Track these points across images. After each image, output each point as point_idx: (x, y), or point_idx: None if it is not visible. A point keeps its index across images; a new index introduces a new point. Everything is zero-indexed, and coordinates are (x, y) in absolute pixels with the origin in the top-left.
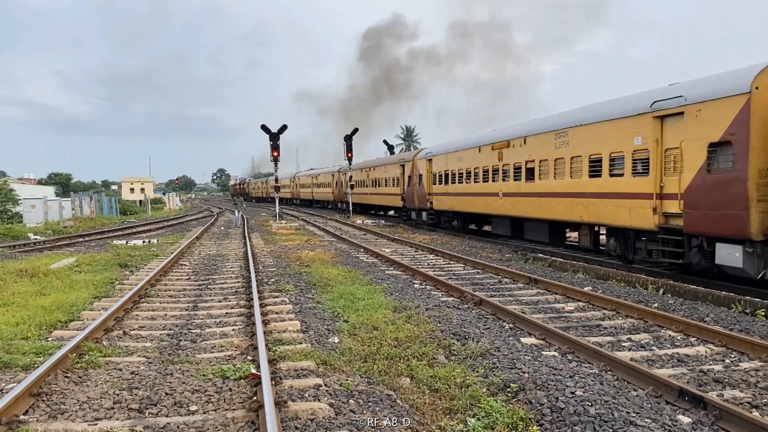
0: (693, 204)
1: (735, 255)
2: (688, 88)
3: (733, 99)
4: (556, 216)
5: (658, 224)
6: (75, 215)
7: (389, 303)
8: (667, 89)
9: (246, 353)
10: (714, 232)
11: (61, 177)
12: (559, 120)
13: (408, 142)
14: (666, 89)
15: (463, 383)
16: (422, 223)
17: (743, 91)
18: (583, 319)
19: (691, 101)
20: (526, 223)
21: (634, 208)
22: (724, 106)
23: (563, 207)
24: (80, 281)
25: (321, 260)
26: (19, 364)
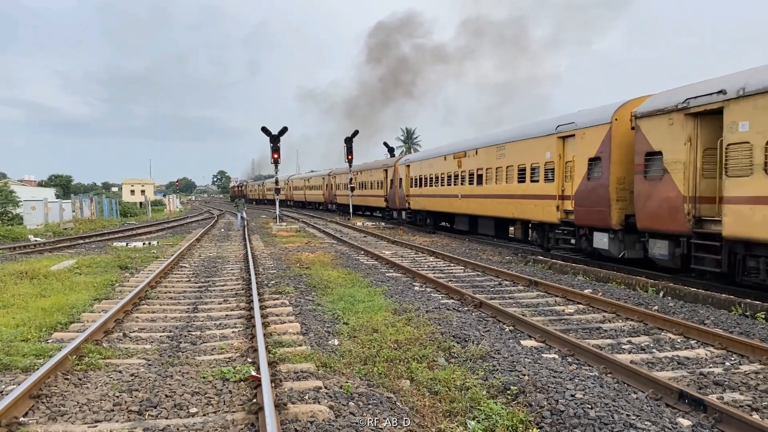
0: (580, 203)
1: (603, 240)
2: (578, 117)
3: (601, 127)
4: (498, 213)
5: (560, 219)
6: (75, 217)
7: (389, 305)
8: (566, 116)
9: (246, 355)
10: (592, 224)
11: (61, 179)
12: (499, 136)
13: (408, 144)
14: (566, 116)
15: (463, 385)
16: (402, 221)
17: (606, 121)
18: (584, 322)
19: (579, 127)
20: (479, 220)
21: (546, 207)
22: (597, 132)
23: (502, 206)
24: (80, 283)
25: (321, 262)
26: (19, 365)
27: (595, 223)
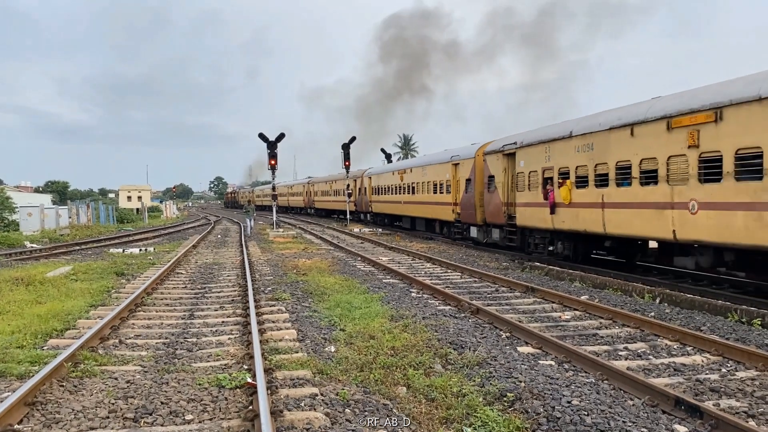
0: (463, 208)
1: (474, 231)
2: (461, 151)
3: (470, 159)
4: (425, 215)
5: (454, 218)
6: (72, 223)
7: (386, 312)
8: (456, 149)
9: (242, 362)
10: (468, 221)
11: (58, 185)
12: (422, 160)
13: (406, 150)
14: (456, 149)
15: (459, 392)
16: (368, 222)
17: (472, 156)
18: (580, 328)
19: (462, 158)
20: (416, 220)
21: (447, 210)
22: (469, 162)
23: (427, 209)
24: (76, 289)
25: (318, 268)
26: (14, 372)
27: (470, 221)
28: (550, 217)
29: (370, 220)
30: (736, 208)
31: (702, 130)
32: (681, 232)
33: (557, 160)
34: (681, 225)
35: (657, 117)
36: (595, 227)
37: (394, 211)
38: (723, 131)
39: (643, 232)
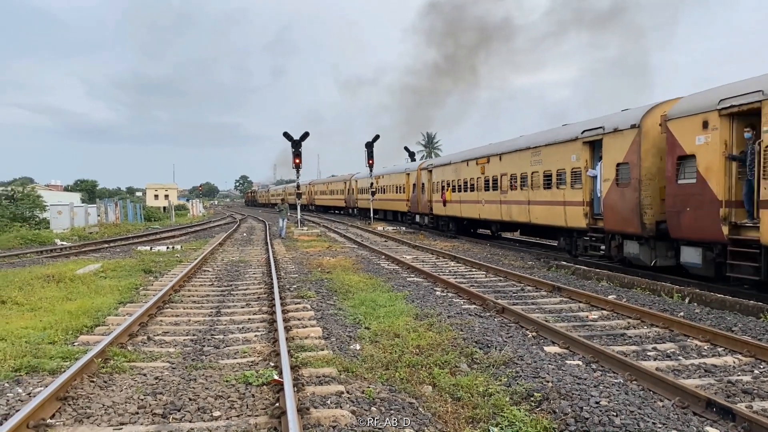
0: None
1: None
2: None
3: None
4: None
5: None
6: (100, 221)
7: (411, 310)
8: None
9: (268, 359)
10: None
11: (86, 183)
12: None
13: (429, 148)
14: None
15: (485, 392)
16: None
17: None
18: (608, 328)
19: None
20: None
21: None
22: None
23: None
24: (105, 287)
25: (342, 267)
26: (46, 368)
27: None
28: (444, 207)
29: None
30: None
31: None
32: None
33: (444, 177)
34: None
35: (476, 156)
36: (463, 213)
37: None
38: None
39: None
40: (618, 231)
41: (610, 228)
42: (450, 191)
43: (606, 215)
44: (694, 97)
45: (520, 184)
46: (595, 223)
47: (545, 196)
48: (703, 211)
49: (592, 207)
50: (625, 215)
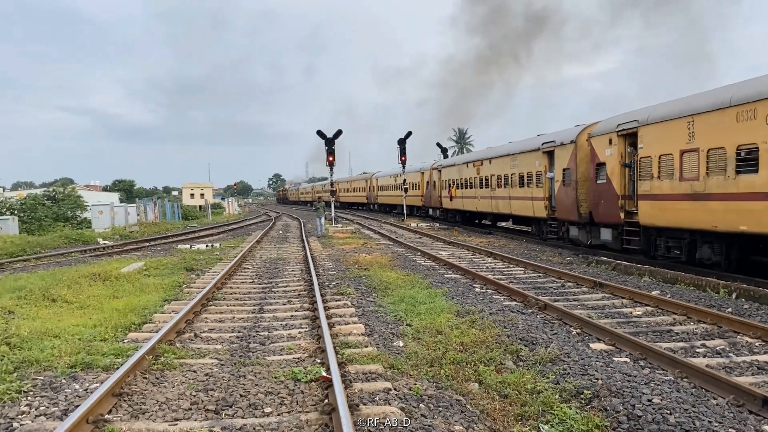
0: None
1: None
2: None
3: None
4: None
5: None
6: (140, 220)
7: (451, 307)
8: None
9: (314, 356)
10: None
11: (124, 183)
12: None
13: (461, 144)
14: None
15: (534, 389)
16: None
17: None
18: (653, 324)
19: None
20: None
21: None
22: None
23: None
24: (150, 285)
25: (379, 263)
26: (99, 364)
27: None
28: (450, 202)
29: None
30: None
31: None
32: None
33: (450, 176)
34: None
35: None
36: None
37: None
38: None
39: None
40: (565, 219)
41: (560, 217)
42: (455, 188)
43: (558, 208)
44: (605, 122)
45: (504, 183)
46: (553, 213)
47: (520, 193)
48: (610, 202)
49: (550, 201)
50: (569, 207)
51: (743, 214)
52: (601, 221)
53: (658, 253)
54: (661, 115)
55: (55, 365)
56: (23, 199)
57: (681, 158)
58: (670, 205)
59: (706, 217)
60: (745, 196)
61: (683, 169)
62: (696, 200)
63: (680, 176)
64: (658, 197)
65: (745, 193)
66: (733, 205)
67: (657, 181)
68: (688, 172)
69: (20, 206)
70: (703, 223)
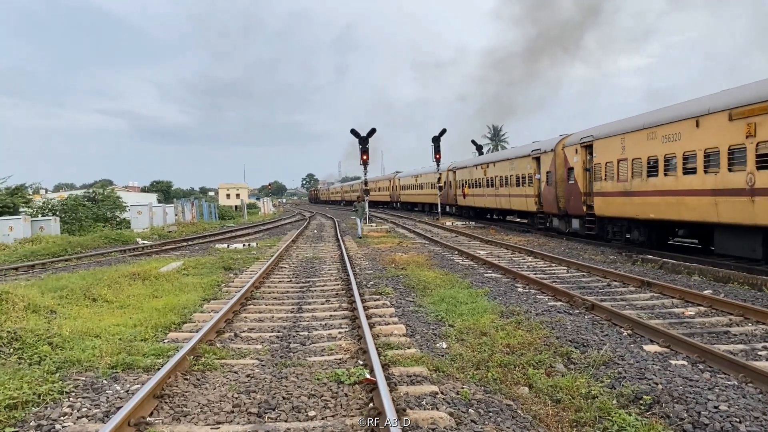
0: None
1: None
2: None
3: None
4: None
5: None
6: (178, 220)
7: (494, 307)
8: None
9: (356, 357)
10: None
11: (162, 184)
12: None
13: (495, 141)
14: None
15: (588, 394)
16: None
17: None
18: (708, 325)
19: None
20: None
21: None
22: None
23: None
24: (188, 284)
25: (416, 263)
26: (140, 365)
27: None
28: (464, 200)
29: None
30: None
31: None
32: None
33: (463, 177)
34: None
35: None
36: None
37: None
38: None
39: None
40: (549, 212)
41: (546, 210)
42: (467, 188)
43: (543, 203)
44: (574, 135)
45: (505, 183)
46: (541, 208)
47: (518, 192)
48: (576, 198)
49: (539, 198)
50: (551, 202)
51: (651, 206)
52: (571, 213)
53: (608, 237)
54: (606, 132)
55: (97, 365)
56: (64, 200)
57: (618, 165)
58: (613, 200)
59: (632, 209)
60: (651, 193)
61: (619, 174)
62: (626, 196)
63: (617, 179)
64: (605, 194)
65: (651, 191)
66: (646, 200)
67: (604, 182)
68: (622, 176)
69: (62, 207)
70: (631, 213)
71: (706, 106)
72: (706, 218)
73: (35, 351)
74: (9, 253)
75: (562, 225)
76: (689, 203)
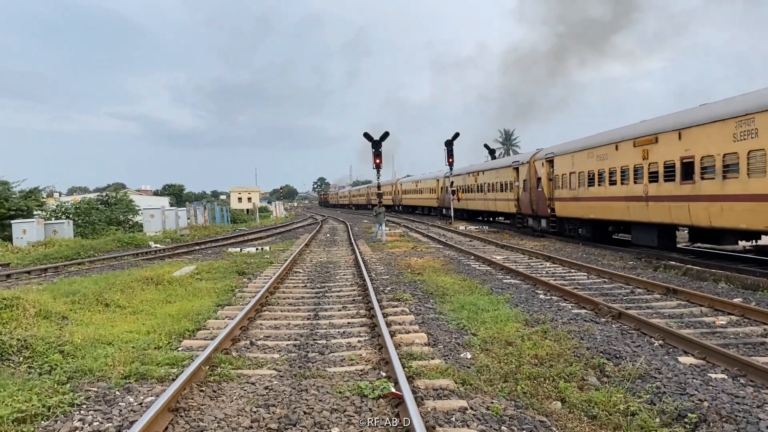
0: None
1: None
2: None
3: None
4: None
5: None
6: (190, 224)
7: (517, 315)
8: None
9: (378, 368)
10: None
11: (174, 188)
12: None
13: (507, 145)
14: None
15: (627, 410)
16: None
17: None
18: (742, 336)
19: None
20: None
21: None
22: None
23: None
24: (202, 289)
25: (432, 268)
26: (154, 375)
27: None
28: (458, 203)
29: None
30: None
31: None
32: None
33: (458, 183)
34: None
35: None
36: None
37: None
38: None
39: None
40: (525, 214)
41: (522, 212)
42: (461, 192)
43: (521, 206)
44: (542, 151)
45: (492, 189)
46: (519, 210)
47: (501, 196)
48: (543, 202)
49: (518, 201)
50: (526, 205)
51: (591, 209)
52: (540, 215)
53: (566, 233)
54: (562, 150)
55: (109, 375)
56: (78, 204)
57: (570, 177)
58: (567, 204)
59: (580, 211)
60: (591, 198)
61: (571, 183)
62: (576, 201)
63: (569, 187)
64: (562, 199)
65: (591, 197)
66: (588, 204)
67: (561, 190)
68: (573, 185)
69: (75, 210)
70: (580, 214)
71: (621, 135)
72: (624, 218)
73: (46, 360)
74: (22, 256)
75: (535, 224)
76: (613, 206)
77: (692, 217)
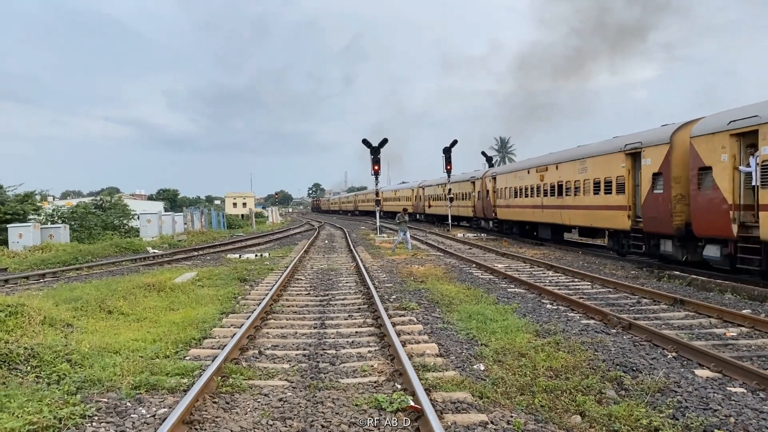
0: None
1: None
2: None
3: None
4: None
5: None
6: (187, 229)
7: (527, 326)
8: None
9: (392, 380)
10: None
11: (168, 192)
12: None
13: (503, 153)
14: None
15: (649, 425)
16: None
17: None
18: (754, 348)
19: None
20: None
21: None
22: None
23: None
24: (205, 296)
25: (435, 276)
26: (165, 386)
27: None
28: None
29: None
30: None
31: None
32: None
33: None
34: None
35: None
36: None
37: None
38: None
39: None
40: (479, 217)
41: (478, 216)
42: (431, 200)
43: (476, 211)
44: (490, 170)
45: (457, 197)
46: (476, 214)
47: (464, 204)
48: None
49: (474, 208)
50: (480, 211)
51: (518, 213)
52: (488, 218)
53: (504, 230)
54: (500, 171)
55: (119, 385)
56: (73, 208)
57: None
58: (505, 210)
59: (513, 215)
60: (517, 206)
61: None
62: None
63: (506, 198)
64: (501, 207)
65: (517, 205)
66: (516, 210)
67: (500, 199)
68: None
69: (71, 215)
70: (513, 217)
71: (531, 164)
72: (533, 219)
73: (54, 369)
74: (19, 261)
75: (486, 225)
76: (527, 212)
77: (563, 219)
